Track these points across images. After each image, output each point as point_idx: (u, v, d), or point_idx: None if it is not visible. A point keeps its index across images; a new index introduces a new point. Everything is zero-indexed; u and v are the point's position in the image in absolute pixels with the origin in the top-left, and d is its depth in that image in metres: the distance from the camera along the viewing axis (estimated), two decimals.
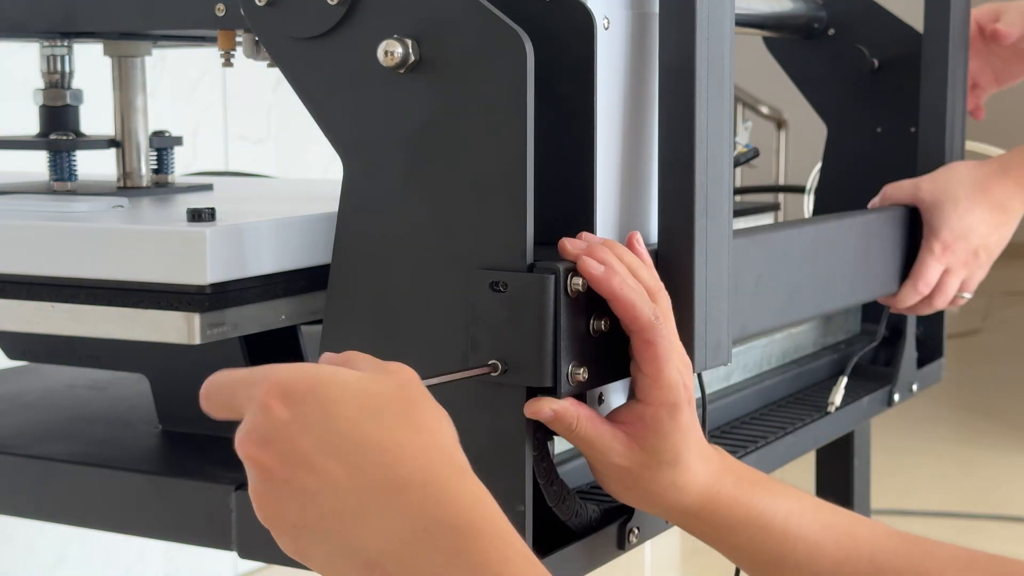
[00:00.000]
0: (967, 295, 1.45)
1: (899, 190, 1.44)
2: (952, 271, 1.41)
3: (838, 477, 1.71)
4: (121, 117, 1.28)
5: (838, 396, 1.38)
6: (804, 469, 1.88)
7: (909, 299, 1.41)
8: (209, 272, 0.97)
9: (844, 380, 1.39)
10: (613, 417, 0.95)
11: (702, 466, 0.96)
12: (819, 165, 1.63)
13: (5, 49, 2.35)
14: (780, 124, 4.87)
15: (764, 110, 4.81)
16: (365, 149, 0.95)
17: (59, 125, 1.27)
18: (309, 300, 1.07)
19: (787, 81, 1.65)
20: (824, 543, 0.97)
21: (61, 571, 2.60)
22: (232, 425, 1.18)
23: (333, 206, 0.97)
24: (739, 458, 1.20)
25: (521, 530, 0.92)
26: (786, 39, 1.63)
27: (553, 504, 0.96)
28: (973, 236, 1.40)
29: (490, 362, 0.90)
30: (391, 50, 0.91)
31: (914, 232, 1.43)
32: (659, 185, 1.00)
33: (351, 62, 0.94)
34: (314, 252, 1.06)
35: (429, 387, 0.79)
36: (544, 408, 0.90)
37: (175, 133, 1.32)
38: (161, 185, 1.30)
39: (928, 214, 1.41)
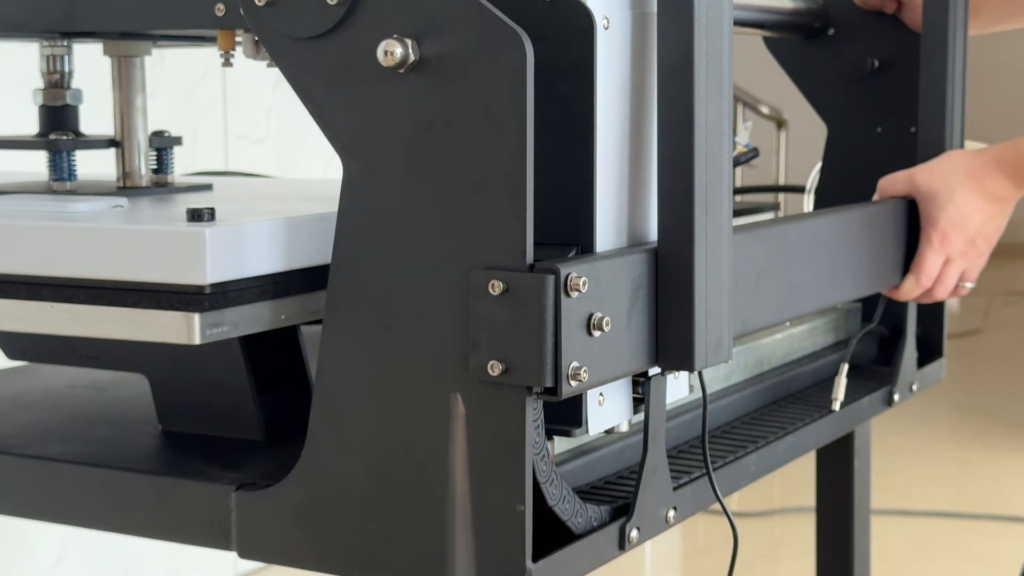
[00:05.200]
0: (969, 284, 1.46)
1: (894, 182, 1.44)
2: (952, 261, 1.42)
3: (838, 477, 1.71)
4: (121, 117, 1.28)
5: (841, 390, 1.38)
6: (804, 469, 1.88)
7: (911, 292, 1.43)
8: (209, 272, 0.97)
9: (845, 367, 1.39)
10: None
11: None
12: (819, 165, 1.63)
13: (5, 49, 2.35)
14: (780, 124, 4.87)
15: (764, 110, 4.81)
16: (365, 149, 0.95)
17: (59, 125, 1.27)
18: (309, 300, 1.07)
19: (787, 81, 1.65)
20: None
21: (60, 570, 2.60)
22: (230, 426, 1.19)
23: (333, 206, 0.97)
24: (739, 458, 1.20)
25: (521, 530, 0.92)
26: (786, 39, 1.63)
27: (553, 504, 0.96)
28: (970, 225, 1.40)
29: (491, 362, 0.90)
30: (391, 50, 0.91)
31: (914, 223, 1.43)
32: (658, 183, 1.00)
33: (351, 62, 0.94)
34: (314, 252, 1.06)
35: None
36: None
37: (175, 133, 1.32)
38: (161, 185, 1.30)
39: (924, 204, 1.42)
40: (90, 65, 1.44)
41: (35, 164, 1.40)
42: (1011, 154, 1.42)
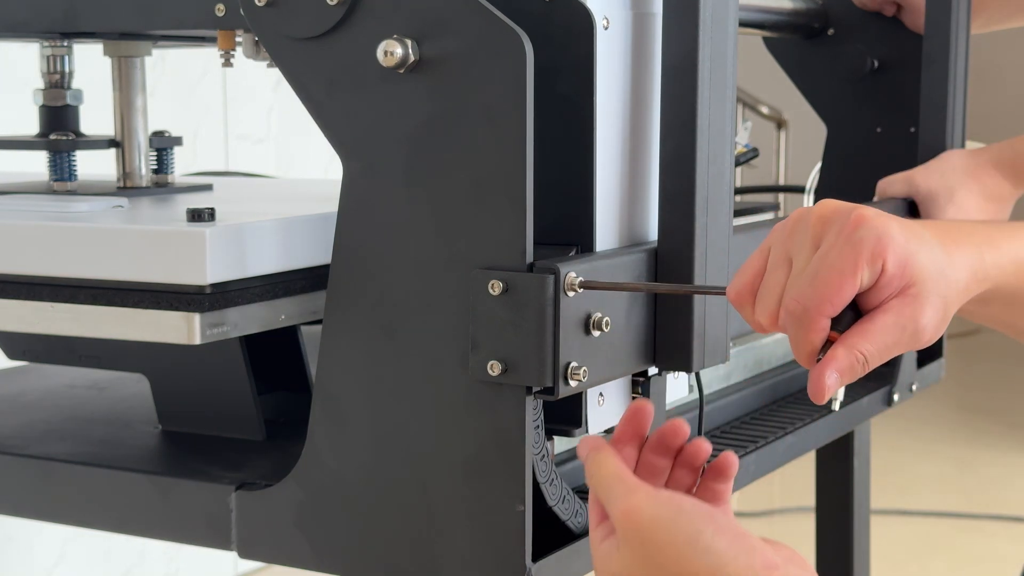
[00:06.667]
0: None
1: (893, 184, 1.44)
2: None
3: (838, 477, 1.71)
4: (121, 117, 1.29)
5: (840, 390, 1.37)
6: (804, 469, 1.88)
7: None
8: (209, 272, 0.97)
9: None
10: None
11: None
12: (819, 165, 1.63)
13: (5, 49, 2.35)
14: (780, 124, 4.86)
15: (764, 110, 4.81)
16: (365, 149, 0.95)
17: (59, 125, 1.27)
18: (309, 300, 1.07)
19: (787, 81, 1.65)
20: None
21: (61, 571, 2.60)
22: (230, 426, 1.19)
23: (333, 206, 0.97)
24: (739, 458, 1.20)
25: (521, 530, 0.92)
26: (786, 39, 1.63)
27: (553, 504, 0.96)
28: None
29: (490, 362, 0.90)
30: (391, 50, 0.91)
31: None
32: (660, 183, 1.00)
33: (351, 62, 0.94)
34: (314, 252, 1.06)
35: None
36: None
37: (175, 133, 1.32)
38: (161, 185, 1.30)
39: (924, 206, 1.42)
40: (90, 65, 1.44)
41: (35, 164, 1.40)
42: (1008, 153, 1.42)
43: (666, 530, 0.78)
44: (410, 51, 0.91)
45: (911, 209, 1.43)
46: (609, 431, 1.04)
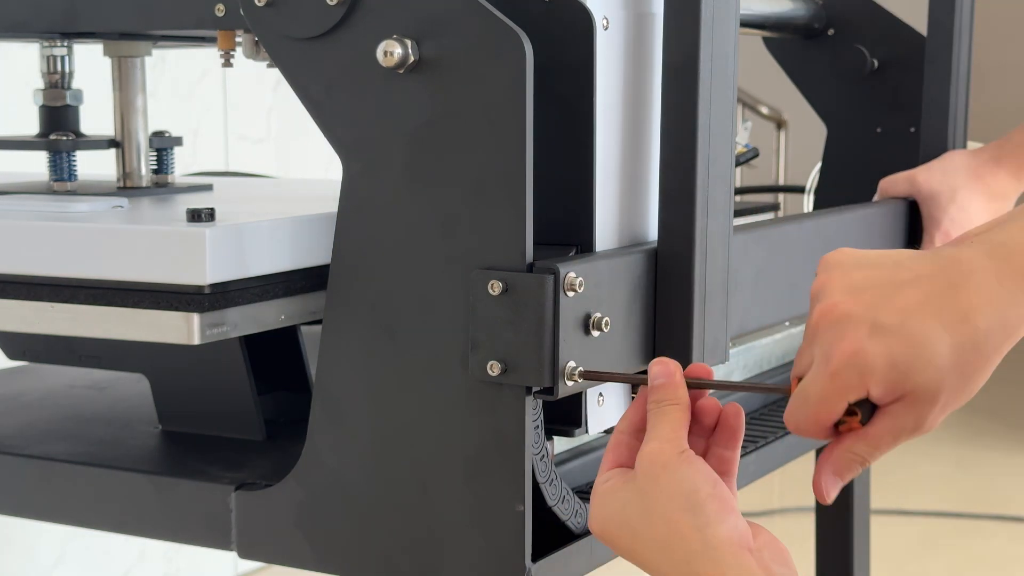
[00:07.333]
0: None
1: (895, 184, 1.44)
2: None
3: None
4: (121, 117, 1.29)
5: None
6: (804, 469, 1.87)
7: None
8: (209, 272, 0.97)
9: None
10: None
11: None
12: (819, 165, 1.63)
13: (5, 49, 2.35)
14: (780, 124, 4.86)
15: (764, 110, 4.81)
16: (365, 149, 0.95)
17: (59, 125, 1.27)
18: (309, 300, 1.07)
19: (787, 81, 1.65)
20: None
21: (61, 571, 2.60)
22: (230, 426, 1.19)
23: (333, 206, 0.97)
24: (739, 458, 1.20)
25: (521, 530, 0.92)
26: (786, 39, 1.63)
27: (553, 504, 0.96)
28: (972, 225, 1.40)
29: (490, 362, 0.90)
30: (390, 50, 0.91)
31: (915, 224, 1.43)
32: (660, 183, 1.00)
33: (351, 62, 0.94)
34: (314, 252, 1.06)
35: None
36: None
37: (175, 133, 1.32)
38: (161, 185, 1.30)
39: (926, 205, 1.42)
40: (90, 65, 1.44)
41: (35, 164, 1.40)
42: (1008, 147, 1.42)
43: (676, 479, 0.82)
44: (410, 51, 0.91)
45: (912, 209, 1.43)
46: (610, 431, 1.04)
